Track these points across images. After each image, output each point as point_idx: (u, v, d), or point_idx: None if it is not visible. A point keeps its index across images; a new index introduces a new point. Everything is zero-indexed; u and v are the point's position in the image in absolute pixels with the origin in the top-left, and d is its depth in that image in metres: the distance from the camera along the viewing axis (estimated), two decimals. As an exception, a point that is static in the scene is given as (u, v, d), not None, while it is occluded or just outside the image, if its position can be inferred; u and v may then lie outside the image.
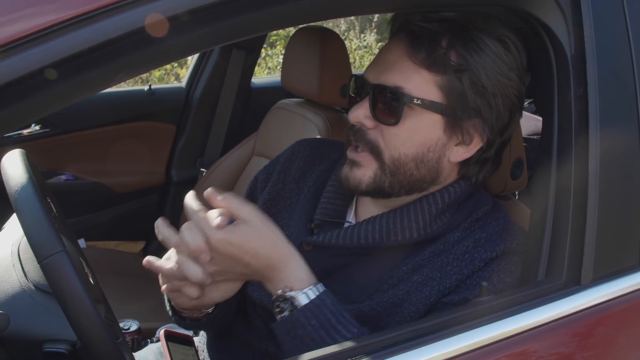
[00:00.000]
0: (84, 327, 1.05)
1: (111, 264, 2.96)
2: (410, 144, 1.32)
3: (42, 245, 1.06)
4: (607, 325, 1.29)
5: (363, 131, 1.34)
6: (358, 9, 1.26)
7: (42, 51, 0.89)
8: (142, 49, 0.95)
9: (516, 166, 1.64)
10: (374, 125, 1.33)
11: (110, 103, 3.25)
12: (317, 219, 1.46)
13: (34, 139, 3.05)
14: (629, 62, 1.29)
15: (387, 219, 1.37)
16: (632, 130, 1.29)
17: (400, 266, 1.35)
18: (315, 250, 1.41)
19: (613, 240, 1.29)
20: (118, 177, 3.25)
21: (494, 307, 1.19)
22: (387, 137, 1.32)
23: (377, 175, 1.34)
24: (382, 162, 1.33)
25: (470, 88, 1.29)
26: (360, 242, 1.37)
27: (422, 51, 1.29)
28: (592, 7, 1.26)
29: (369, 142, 1.34)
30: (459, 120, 1.32)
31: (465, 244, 1.35)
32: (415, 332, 1.12)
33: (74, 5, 0.91)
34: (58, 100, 0.95)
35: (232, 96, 3.49)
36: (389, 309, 1.32)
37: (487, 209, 1.41)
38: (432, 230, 1.36)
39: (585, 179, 1.23)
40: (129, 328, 1.96)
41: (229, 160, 3.00)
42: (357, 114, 1.33)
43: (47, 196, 1.36)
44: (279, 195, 1.56)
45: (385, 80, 1.31)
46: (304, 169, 1.57)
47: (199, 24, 0.98)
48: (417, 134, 1.32)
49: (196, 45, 1.06)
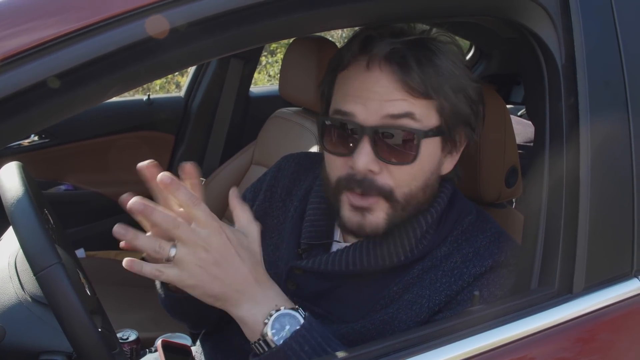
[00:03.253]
0: (79, 339, 1.06)
1: (111, 273, 2.96)
2: (421, 175, 1.31)
3: (38, 258, 1.07)
4: (599, 334, 1.29)
5: (371, 179, 1.28)
6: (349, 22, 1.26)
7: (41, 65, 0.90)
8: (142, 60, 0.96)
9: (510, 174, 1.65)
10: (379, 169, 1.27)
11: (110, 113, 3.26)
12: (303, 243, 1.45)
13: (34, 149, 3.06)
14: (619, 71, 1.30)
15: (373, 245, 1.35)
16: (623, 138, 1.29)
17: (391, 286, 1.35)
18: (305, 274, 1.41)
19: (605, 248, 1.29)
20: (117, 187, 3.22)
21: (487, 316, 1.19)
22: (397, 177, 1.28)
23: (389, 215, 1.30)
24: (394, 201, 1.29)
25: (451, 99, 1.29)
26: (349, 267, 1.36)
27: (415, 80, 1.25)
28: (582, 17, 1.27)
29: (379, 189, 1.28)
30: (452, 135, 1.33)
31: (453, 260, 1.34)
32: (407, 342, 1.13)
33: (75, 19, 0.92)
34: (57, 113, 0.97)
35: (230, 105, 3.50)
36: (379, 327, 1.32)
37: (472, 219, 1.40)
38: (419, 251, 1.36)
39: (577, 187, 1.24)
40: (128, 338, 1.95)
41: (228, 169, 3.01)
42: (365, 163, 1.25)
43: (44, 207, 1.37)
44: (266, 214, 1.55)
45: (387, 119, 1.26)
46: (290, 186, 1.56)
47: (199, 35, 0.99)
48: (427, 163, 1.31)
49: (196, 56, 1.07)
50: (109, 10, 0.93)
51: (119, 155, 3.22)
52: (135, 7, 0.94)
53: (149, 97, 3.37)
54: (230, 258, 1.13)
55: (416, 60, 1.26)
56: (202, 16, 0.98)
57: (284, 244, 1.49)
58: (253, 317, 1.15)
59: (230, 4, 0.99)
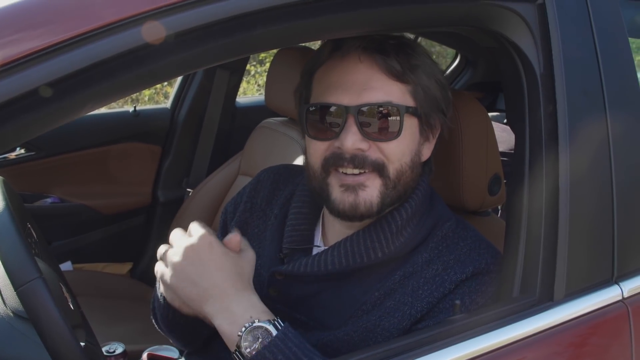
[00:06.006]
0: (61, 354, 1.06)
1: (98, 286, 2.96)
2: (407, 151, 1.35)
3: (18, 273, 1.07)
4: (580, 341, 1.30)
5: (364, 156, 1.31)
6: (331, 33, 1.27)
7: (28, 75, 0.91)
8: (131, 70, 0.97)
9: (493, 182, 1.65)
10: (368, 146, 1.31)
11: (96, 125, 3.25)
12: (285, 248, 1.47)
13: (20, 162, 3.05)
14: (597, 80, 1.31)
15: (350, 243, 1.37)
16: (601, 146, 1.30)
17: (372, 291, 1.36)
18: (287, 279, 1.42)
19: (585, 255, 1.30)
20: (104, 199, 3.25)
21: (469, 325, 1.20)
22: (388, 153, 1.33)
23: (382, 193, 1.33)
24: (386, 178, 1.33)
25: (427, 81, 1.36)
26: (327, 268, 1.37)
27: (393, 64, 1.32)
28: (560, 26, 1.28)
29: (373, 163, 1.32)
30: (428, 119, 1.37)
31: (434, 267, 1.35)
32: (390, 351, 1.13)
33: (64, 30, 0.92)
34: (45, 123, 0.97)
35: (216, 116, 3.50)
36: (362, 334, 1.33)
37: (451, 225, 1.42)
38: (396, 247, 1.37)
39: (556, 195, 1.25)
40: (114, 351, 1.94)
41: (215, 180, 3.01)
42: (353, 142, 1.30)
43: (27, 221, 1.37)
44: (246, 224, 1.57)
45: (370, 98, 1.31)
46: (269, 196, 1.59)
47: (188, 45, 1.00)
48: (410, 141, 1.36)
49: (185, 66, 1.08)
50: (98, 20, 0.94)
51: (106, 167, 3.21)
52: (123, 17, 0.94)
53: (135, 109, 3.37)
54: (208, 263, 1.22)
55: (392, 46, 1.33)
56: (190, 26, 0.98)
57: (266, 251, 1.51)
58: (229, 328, 1.20)
59: (219, 14, 1.00)
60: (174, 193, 3.42)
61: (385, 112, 1.31)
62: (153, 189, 3.41)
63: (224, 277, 1.22)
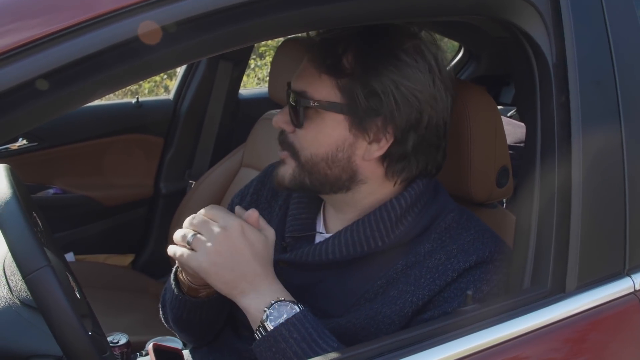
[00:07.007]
0: (69, 342, 1.05)
1: (100, 277, 2.95)
2: (317, 144, 1.37)
3: (26, 261, 1.06)
4: (592, 333, 1.29)
5: (285, 135, 1.41)
6: (340, 22, 1.26)
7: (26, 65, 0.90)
8: (128, 61, 0.96)
9: (501, 174, 1.64)
10: (292, 129, 1.39)
11: (98, 116, 3.24)
12: (287, 237, 1.51)
13: (22, 153, 3.04)
14: (610, 70, 1.30)
15: (351, 231, 1.39)
16: (614, 137, 1.29)
17: (375, 280, 1.37)
18: (290, 267, 1.45)
19: (597, 247, 1.29)
20: (106, 191, 3.23)
21: (479, 316, 1.19)
22: (299, 140, 1.39)
23: (295, 173, 1.40)
24: (299, 162, 1.39)
25: (362, 90, 1.31)
26: (329, 256, 1.40)
27: (322, 57, 1.35)
28: (573, 16, 1.27)
29: (288, 144, 1.40)
30: (362, 120, 1.34)
31: (437, 257, 1.35)
32: (400, 342, 1.13)
33: (60, 19, 0.91)
34: (44, 114, 0.96)
35: (219, 108, 3.48)
36: (364, 321, 1.33)
37: (455, 216, 1.41)
38: (396, 236, 1.37)
39: (569, 186, 1.24)
40: (118, 342, 1.94)
41: (218, 171, 3.00)
42: (276, 119, 1.41)
43: (33, 211, 1.36)
44: None
45: (295, 86, 1.39)
46: (275, 189, 1.61)
47: (187, 35, 0.98)
48: (321, 134, 1.36)
49: (183, 56, 1.06)
50: (94, 9, 0.92)
51: (108, 158, 3.20)
52: (120, 6, 0.93)
53: (138, 100, 3.35)
54: (244, 249, 1.27)
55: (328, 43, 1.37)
56: (188, 15, 0.97)
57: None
58: (256, 305, 1.27)
59: (217, 3, 0.99)
60: (176, 185, 3.40)
61: (297, 100, 1.36)
62: (155, 180, 3.39)
63: (258, 262, 1.29)
